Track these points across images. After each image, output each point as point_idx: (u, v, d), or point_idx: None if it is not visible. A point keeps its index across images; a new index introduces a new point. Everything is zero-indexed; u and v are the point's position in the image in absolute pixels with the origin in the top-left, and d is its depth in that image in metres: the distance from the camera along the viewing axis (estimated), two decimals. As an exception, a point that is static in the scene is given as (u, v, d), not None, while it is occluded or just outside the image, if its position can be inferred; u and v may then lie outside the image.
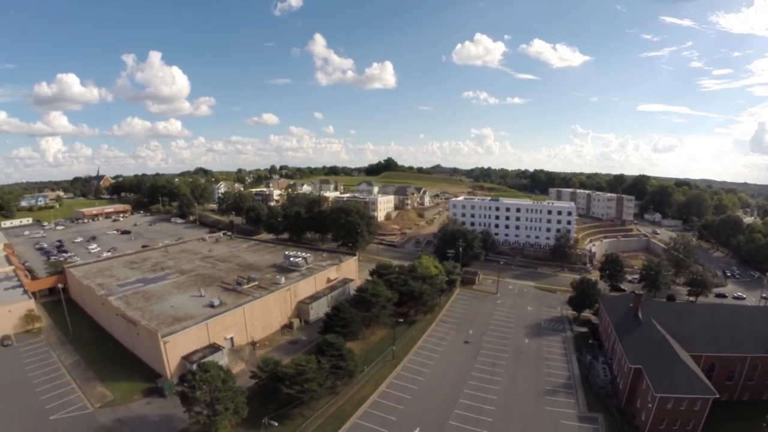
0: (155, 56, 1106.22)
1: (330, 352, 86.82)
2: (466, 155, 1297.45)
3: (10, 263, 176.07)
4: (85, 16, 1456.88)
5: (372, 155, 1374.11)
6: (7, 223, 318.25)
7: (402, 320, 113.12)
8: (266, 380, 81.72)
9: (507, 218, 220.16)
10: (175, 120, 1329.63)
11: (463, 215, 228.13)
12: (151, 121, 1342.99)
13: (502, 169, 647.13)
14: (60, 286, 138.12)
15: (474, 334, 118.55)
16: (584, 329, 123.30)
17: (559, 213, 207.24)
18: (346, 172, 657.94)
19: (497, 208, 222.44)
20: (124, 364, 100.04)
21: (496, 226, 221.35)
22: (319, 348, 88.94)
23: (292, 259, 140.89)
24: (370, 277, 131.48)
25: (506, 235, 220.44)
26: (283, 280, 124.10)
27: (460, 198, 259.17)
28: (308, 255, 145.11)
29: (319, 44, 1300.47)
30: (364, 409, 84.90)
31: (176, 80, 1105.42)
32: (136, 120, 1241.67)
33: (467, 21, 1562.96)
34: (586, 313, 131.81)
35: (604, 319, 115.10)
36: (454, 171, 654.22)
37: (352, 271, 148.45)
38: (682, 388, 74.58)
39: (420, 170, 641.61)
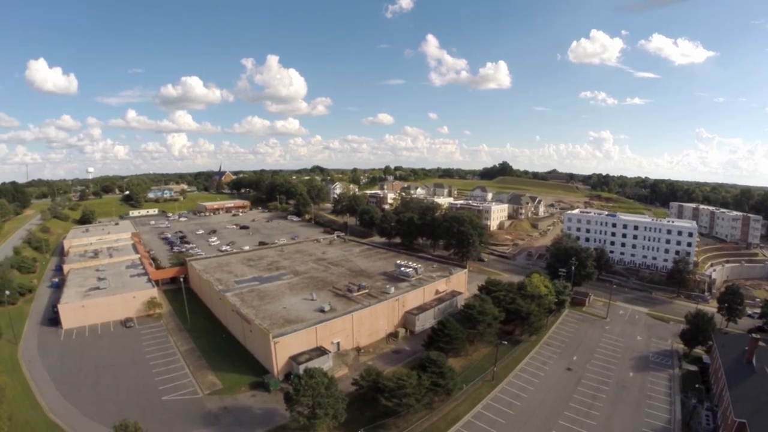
0: (273, 60, 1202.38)
1: (431, 369, 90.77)
2: (584, 159, 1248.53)
3: (136, 251, 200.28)
4: (205, 24, 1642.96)
5: (487, 157, 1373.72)
6: (135, 213, 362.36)
7: (506, 342, 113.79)
8: (366, 389, 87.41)
9: (624, 236, 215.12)
10: (293, 119, 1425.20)
11: (578, 230, 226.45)
12: (270, 119, 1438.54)
13: (621, 177, 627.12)
14: (181, 276, 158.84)
15: (578, 360, 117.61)
16: (694, 368, 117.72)
17: (679, 233, 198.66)
18: (460, 174, 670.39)
19: (614, 225, 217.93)
20: (234, 356, 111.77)
21: (612, 243, 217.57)
22: (422, 364, 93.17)
23: (402, 268, 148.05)
24: (478, 292, 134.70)
25: (621, 253, 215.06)
26: (392, 289, 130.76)
27: (576, 211, 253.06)
28: (419, 266, 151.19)
29: (431, 45, 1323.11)
30: (457, 428, 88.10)
31: (293, 82, 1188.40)
32: (255, 119, 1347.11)
33: (582, 16, 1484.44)
34: (699, 350, 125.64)
35: (715, 360, 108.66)
36: (571, 177, 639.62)
37: (461, 283, 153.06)
38: (785, 455, 69.34)
39: (535, 175, 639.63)
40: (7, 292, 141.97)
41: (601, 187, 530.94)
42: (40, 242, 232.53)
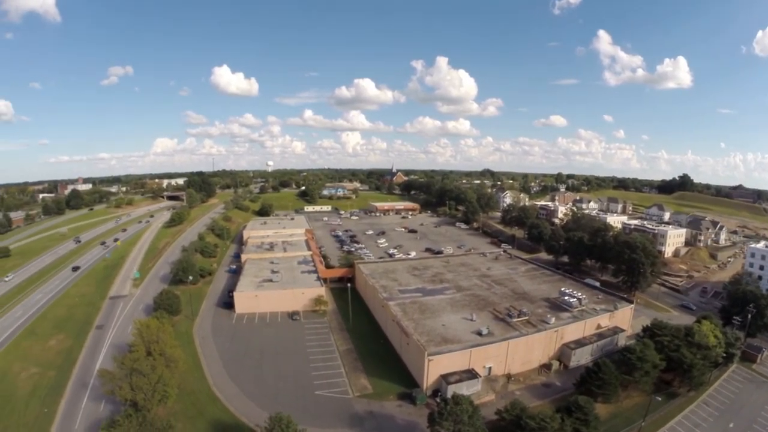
0: (442, 61, 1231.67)
1: (576, 414, 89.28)
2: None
3: (308, 248, 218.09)
4: (377, 27, 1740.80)
5: (666, 165, 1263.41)
6: (310, 209, 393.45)
7: (660, 397, 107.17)
8: (508, 422, 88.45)
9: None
10: (464, 119, 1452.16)
11: (761, 268, 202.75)
12: (440, 120, 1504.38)
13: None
14: (347, 277, 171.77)
15: (734, 428, 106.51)
16: None
17: None
18: (636, 186, 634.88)
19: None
20: (388, 363, 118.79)
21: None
22: (567, 406, 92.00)
23: (566, 297, 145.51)
24: (642, 332, 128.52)
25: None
26: (552, 320, 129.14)
27: (761, 245, 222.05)
28: (583, 296, 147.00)
29: (603, 41, 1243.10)
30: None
31: (463, 83, 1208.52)
32: (426, 119, 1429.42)
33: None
34: None
35: None
36: (758, 196, 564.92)
37: (625, 320, 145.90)
38: None
39: (718, 192, 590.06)
40: (190, 277, 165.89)
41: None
42: (222, 230, 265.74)
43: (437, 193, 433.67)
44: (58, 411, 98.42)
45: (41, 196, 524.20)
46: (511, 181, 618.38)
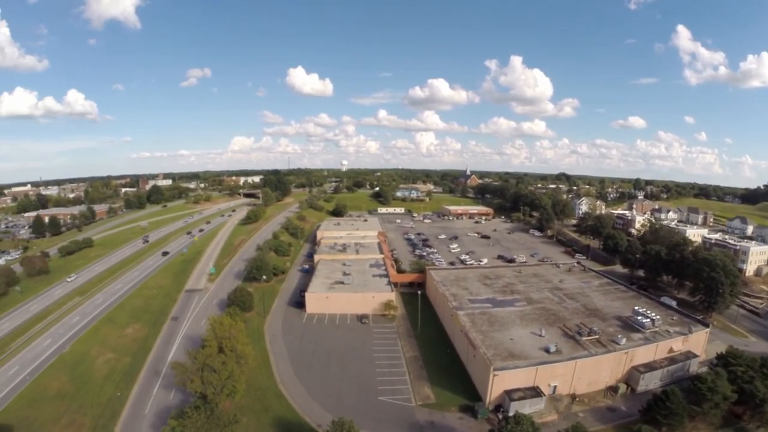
0: (516, 60, 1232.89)
1: None
2: None
3: (381, 251, 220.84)
4: (449, 26, 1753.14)
5: (750, 171, 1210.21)
6: (383, 210, 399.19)
7: None
8: None
9: None
10: (539, 120, 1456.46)
11: None
12: (515, 121, 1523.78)
13: None
14: (418, 283, 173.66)
15: None
16: None
17: None
18: (718, 195, 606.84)
19: None
20: (453, 373, 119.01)
21: None
22: None
23: (639, 317, 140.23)
24: (715, 360, 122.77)
25: None
26: (623, 341, 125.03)
27: None
28: (657, 316, 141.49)
29: (683, 37, 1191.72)
30: None
31: (538, 82, 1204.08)
32: (501, 120, 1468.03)
33: None
34: None
35: None
36: None
37: (699, 344, 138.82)
38: None
39: None
40: (264, 276, 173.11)
41: None
42: (296, 229, 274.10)
43: (511, 198, 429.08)
44: (130, 395, 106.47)
45: (123, 190, 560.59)
46: (587, 187, 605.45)
